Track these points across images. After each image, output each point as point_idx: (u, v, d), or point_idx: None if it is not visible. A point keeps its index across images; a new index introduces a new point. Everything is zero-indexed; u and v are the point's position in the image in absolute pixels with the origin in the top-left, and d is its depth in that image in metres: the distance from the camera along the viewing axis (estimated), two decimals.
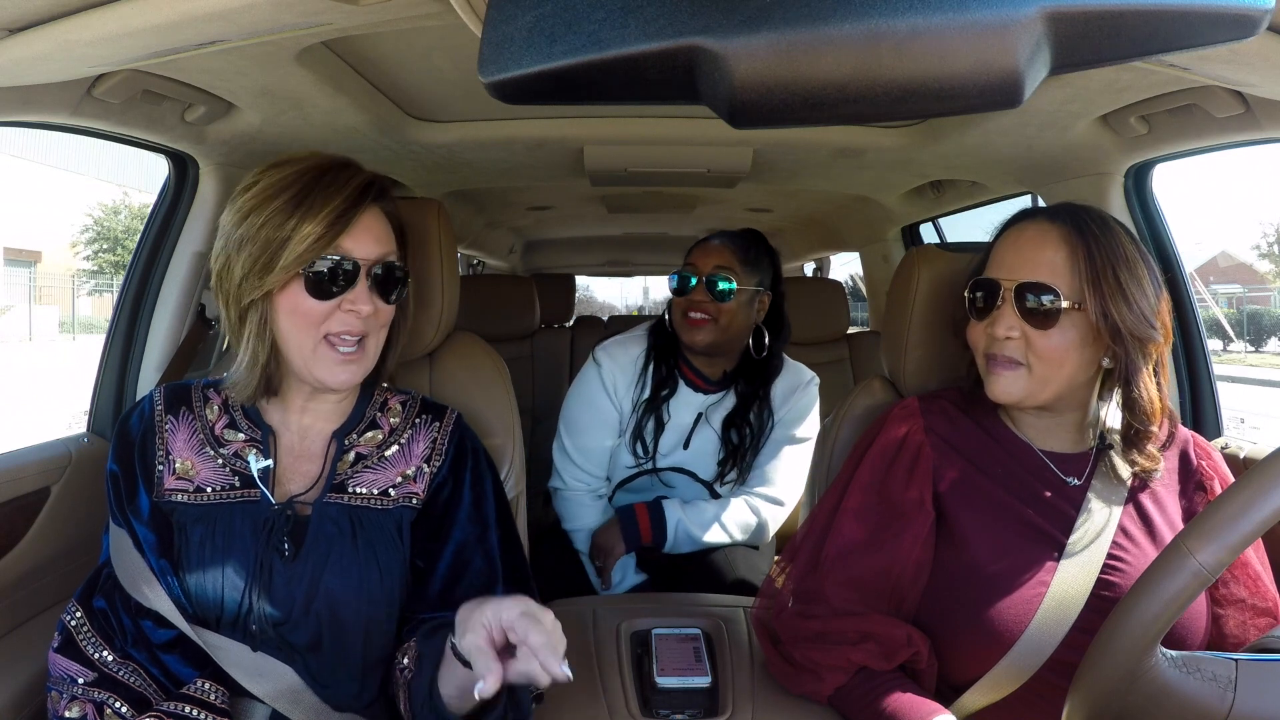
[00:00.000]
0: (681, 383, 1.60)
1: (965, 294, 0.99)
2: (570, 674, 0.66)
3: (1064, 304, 0.90)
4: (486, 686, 0.65)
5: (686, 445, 1.59)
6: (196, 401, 0.95)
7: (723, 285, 1.50)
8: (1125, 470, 0.95)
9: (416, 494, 0.94)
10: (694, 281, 1.52)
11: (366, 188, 0.89)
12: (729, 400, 1.60)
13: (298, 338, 0.87)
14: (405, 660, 0.87)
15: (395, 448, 0.96)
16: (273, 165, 0.88)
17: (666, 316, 1.62)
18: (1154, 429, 0.93)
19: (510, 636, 0.68)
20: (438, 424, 0.99)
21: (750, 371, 1.60)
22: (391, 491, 0.93)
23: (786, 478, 1.60)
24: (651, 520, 1.52)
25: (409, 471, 0.95)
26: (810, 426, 1.63)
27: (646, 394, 1.58)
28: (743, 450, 1.58)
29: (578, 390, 1.63)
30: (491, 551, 0.94)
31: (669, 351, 1.61)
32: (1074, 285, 0.90)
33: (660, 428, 1.58)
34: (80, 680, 0.84)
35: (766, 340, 1.57)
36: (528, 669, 0.66)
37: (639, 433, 1.57)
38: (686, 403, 1.59)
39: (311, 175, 0.86)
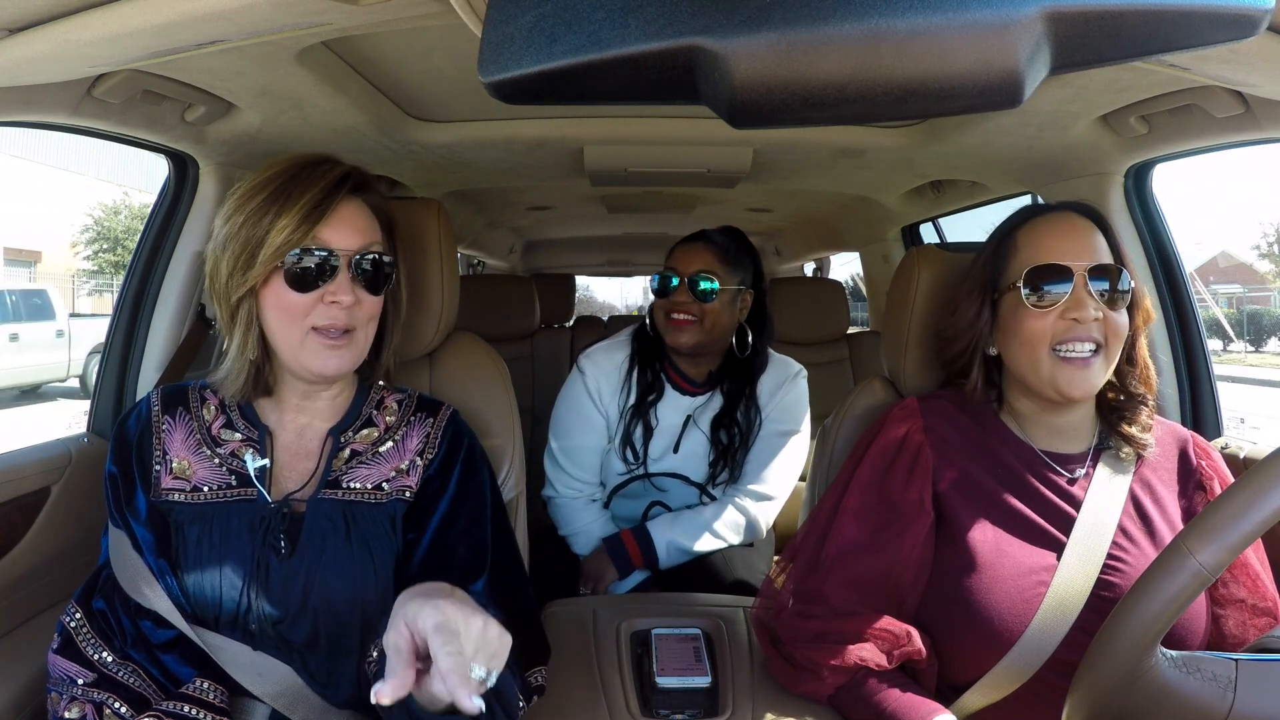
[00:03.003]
0: (667, 386, 1.60)
1: (1019, 286, 0.94)
2: (481, 706, 0.57)
3: (1132, 283, 0.94)
4: (381, 692, 0.57)
5: (676, 449, 1.59)
6: (194, 402, 0.95)
7: (705, 285, 1.50)
8: (1125, 469, 0.95)
9: (409, 487, 0.94)
10: (676, 283, 1.52)
11: (343, 179, 0.89)
12: (716, 401, 1.59)
13: (284, 331, 0.88)
14: (375, 653, 0.86)
15: (390, 444, 0.96)
16: (260, 169, 0.90)
17: (648, 321, 1.62)
18: (1149, 395, 0.96)
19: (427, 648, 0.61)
20: (431, 419, 0.99)
21: (735, 370, 1.59)
22: (385, 486, 0.93)
23: (777, 473, 1.59)
24: (640, 546, 1.51)
25: (402, 466, 0.95)
26: (800, 419, 1.62)
27: (632, 400, 1.58)
28: (733, 450, 1.57)
29: (564, 399, 1.62)
30: (481, 545, 0.93)
31: (653, 355, 1.60)
32: (1123, 267, 0.95)
33: (649, 433, 1.57)
34: (80, 681, 0.84)
35: (750, 339, 1.57)
36: (436, 691, 0.60)
37: (628, 439, 1.57)
38: (674, 406, 1.59)
39: (290, 172, 0.87)
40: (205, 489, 0.89)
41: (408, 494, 0.93)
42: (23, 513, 1.15)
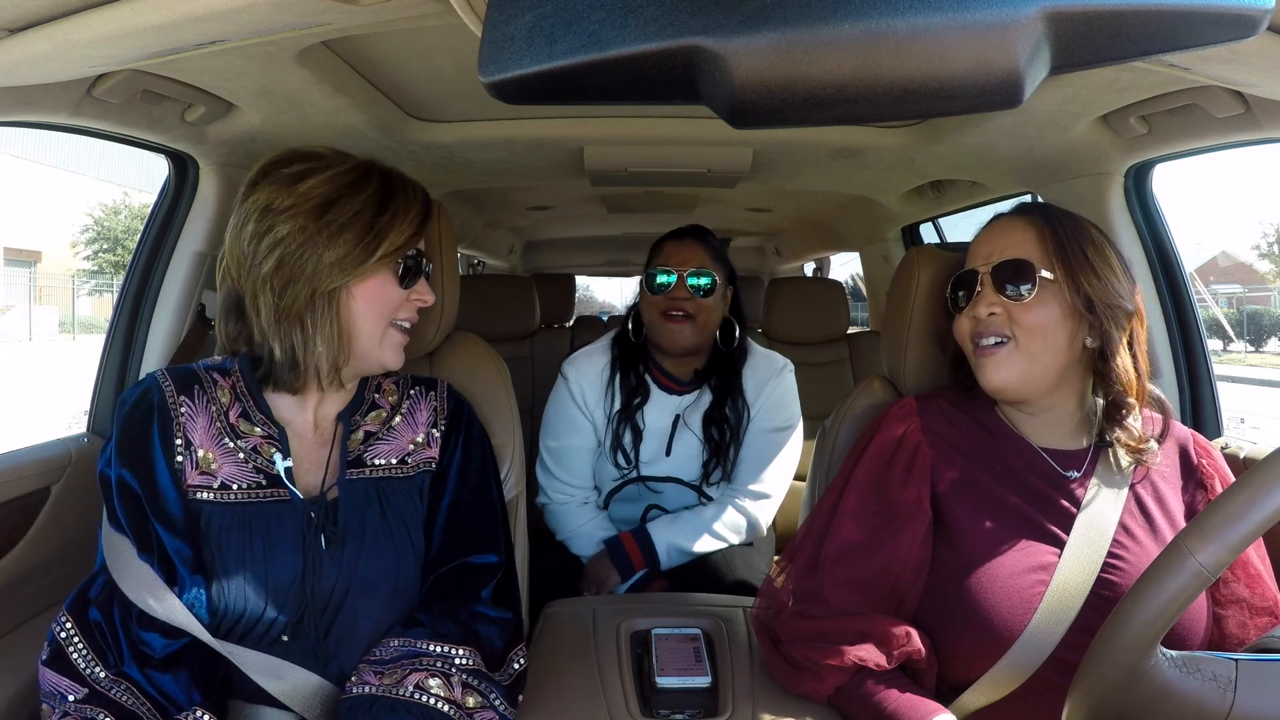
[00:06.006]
0: (653, 387, 1.60)
1: (947, 295, 1.04)
2: None
3: (1039, 275, 0.93)
4: None
5: (669, 452, 1.59)
6: (207, 384, 0.93)
7: (705, 281, 1.52)
8: (1126, 467, 0.95)
9: (433, 458, 0.97)
10: (672, 279, 1.53)
11: (428, 196, 0.97)
12: (705, 398, 1.59)
13: (371, 324, 0.91)
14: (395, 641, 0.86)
15: (399, 418, 0.99)
16: (307, 155, 0.89)
17: (630, 324, 1.62)
18: (1131, 401, 0.94)
19: None
20: (432, 393, 1.03)
21: (720, 365, 1.60)
22: (409, 459, 0.96)
23: (772, 471, 1.59)
24: (641, 547, 1.51)
25: (419, 439, 0.98)
26: (791, 414, 1.62)
27: (618, 405, 1.58)
28: (725, 446, 1.57)
29: (552, 406, 1.63)
30: (494, 506, 0.99)
31: (635, 359, 1.60)
32: (1045, 260, 0.94)
33: (638, 435, 1.57)
34: (71, 697, 0.80)
35: (736, 332, 1.59)
36: None
37: (618, 442, 1.57)
38: (661, 407, 1.59)
39: (379, 175, 0.91)
40: (234, 487, 0.88)
41: (432, 465, 0.97)
42: (23, 513, 1.15)
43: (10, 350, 15.98)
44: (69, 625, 0.83)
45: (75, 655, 0.82)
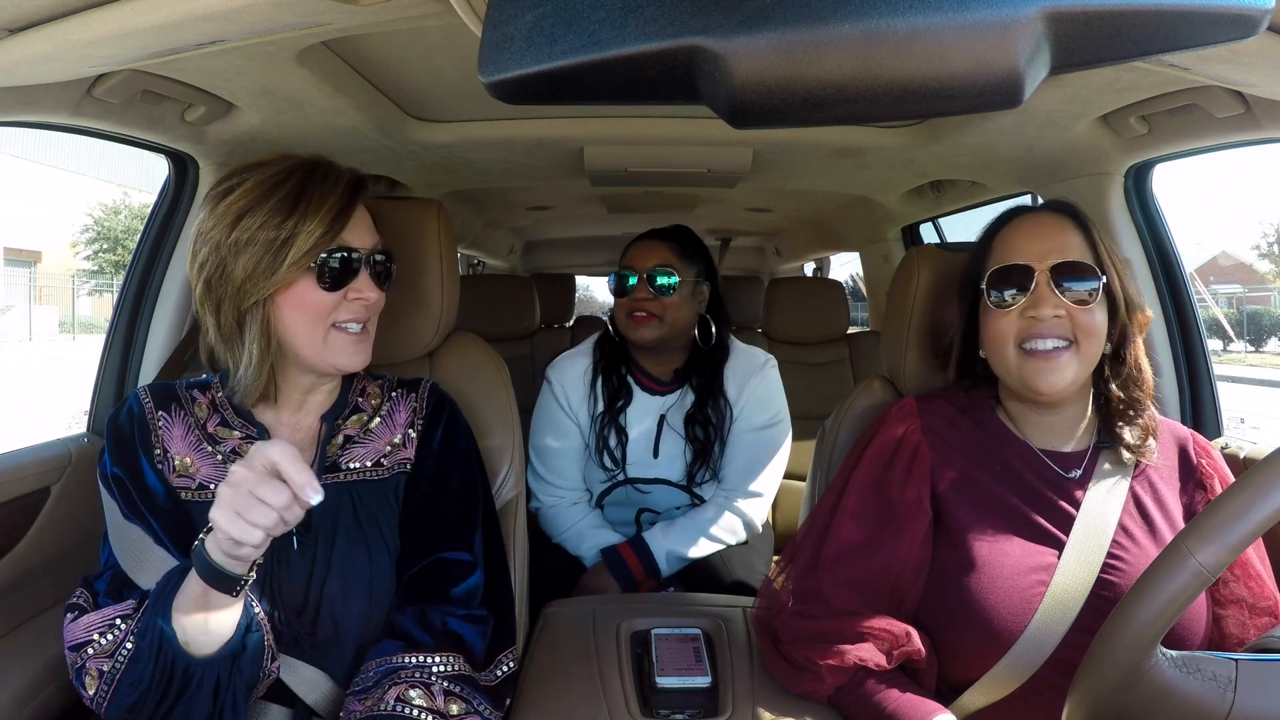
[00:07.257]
0: (635, 388, 1.60)
1: (984, 288, 0.97)
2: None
3: (1101, 278, 0.93)
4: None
5: (656, 454, 1.59)
6: (185, 400, 0.94)
7: (663, 280, 1.52)
8: (1125, 468, 0.95)
9: (409, 459, 0.96)
10: (634, 280, 1.53)
11: (357, 183, 0.91)
12: (687, 398, 1.59)
13: (307, 331, 0.88)
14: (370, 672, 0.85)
15: (377, 420, 0.98)
16: (247, 167, 0.88)
17: (610, 326, 1.63)
18: (1145, 400, 0.95)
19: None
20: (414, 394, 1.02)
21: (700, 363, 1.60)
22: (384, 461, 0.95)
23: (762, 468, 1.59)
24: (639, 557, 1.51)
25: (396, 440, 0.97)
26: (776, 409, 1.62)
27: (600, 407, 1.59)
28: (710, 445, 1.57)
29: (539, 411, 1.64)
30: (472, 505, 0.97)
31: (617, 360, 1.61)
32: (1097, 261, 0.94)
33: (623, 437, 1.58)
34: (126, 613, 0.79)
35: (713, 330, 1.59)
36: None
37: (604, 445, 1.58)
38: (644, 408, 1.59)
39: (300, 174, 0.87)
40: (212, 486, 0.89)
41: (408, 466, 0.96)
42: (23, 513, 1.15)
43: (10, 350, 15.97)
44: (86, 594, 0.84)
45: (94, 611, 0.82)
